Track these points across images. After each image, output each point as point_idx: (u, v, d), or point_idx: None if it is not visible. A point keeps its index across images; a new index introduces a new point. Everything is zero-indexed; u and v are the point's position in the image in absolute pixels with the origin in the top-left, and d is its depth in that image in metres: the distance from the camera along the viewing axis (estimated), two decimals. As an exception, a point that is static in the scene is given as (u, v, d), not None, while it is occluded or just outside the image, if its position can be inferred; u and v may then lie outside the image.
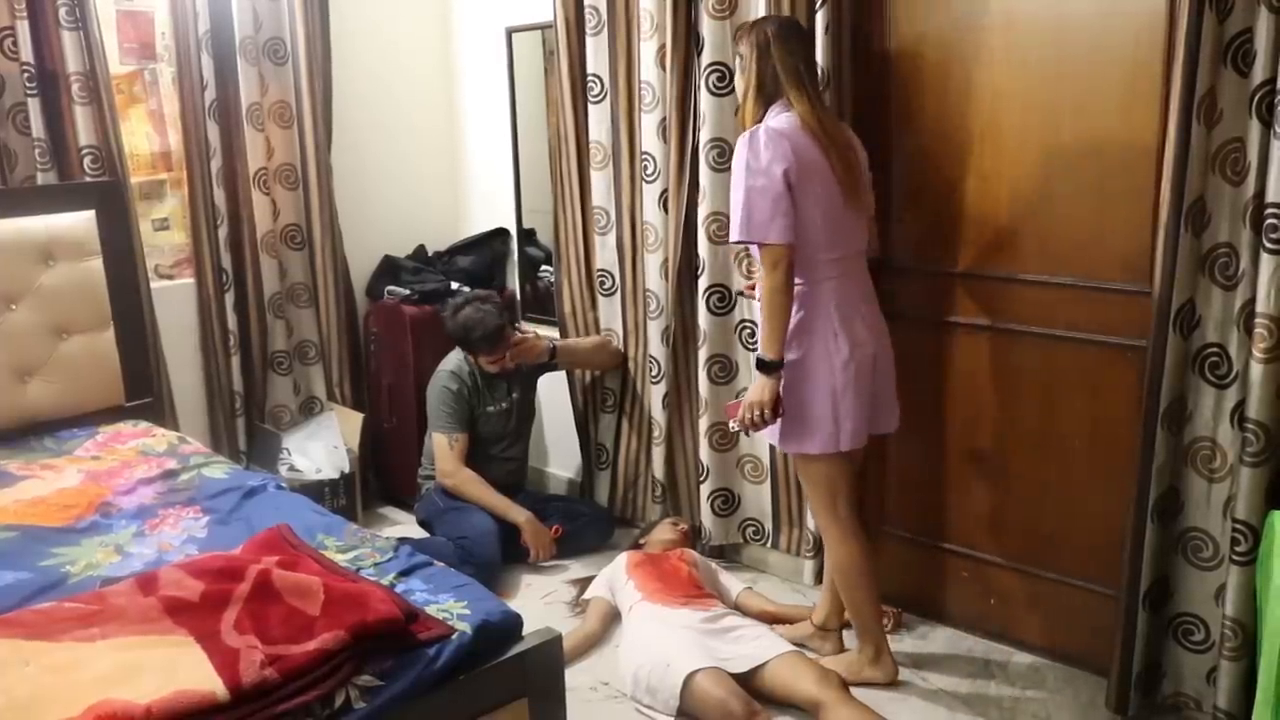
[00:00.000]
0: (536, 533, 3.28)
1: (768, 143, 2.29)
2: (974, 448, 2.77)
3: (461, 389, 3.34)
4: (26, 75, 2.97)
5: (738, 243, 2.35)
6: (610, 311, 3.46)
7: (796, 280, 2.33)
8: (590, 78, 3.26)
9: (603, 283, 3.44)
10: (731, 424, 2.45)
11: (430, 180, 4.06)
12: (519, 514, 3.28)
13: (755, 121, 2.37)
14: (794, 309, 2.34)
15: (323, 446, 3.59)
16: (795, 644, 2.64)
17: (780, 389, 2.35)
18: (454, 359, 3.40)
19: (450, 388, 3.33)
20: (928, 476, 2.86)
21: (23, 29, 2.95)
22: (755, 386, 2.36)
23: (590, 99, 3.29)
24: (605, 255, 3.41)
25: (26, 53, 2.96)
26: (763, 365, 2.34)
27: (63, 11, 2.99)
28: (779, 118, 2.35)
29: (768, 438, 2.52)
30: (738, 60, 2.48)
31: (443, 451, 3.34)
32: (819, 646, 2.71)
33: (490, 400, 3.40)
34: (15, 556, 2.12)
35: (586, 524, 3.44)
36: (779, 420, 2.39)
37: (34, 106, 2.99)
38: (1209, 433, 2.24)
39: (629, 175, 3.28)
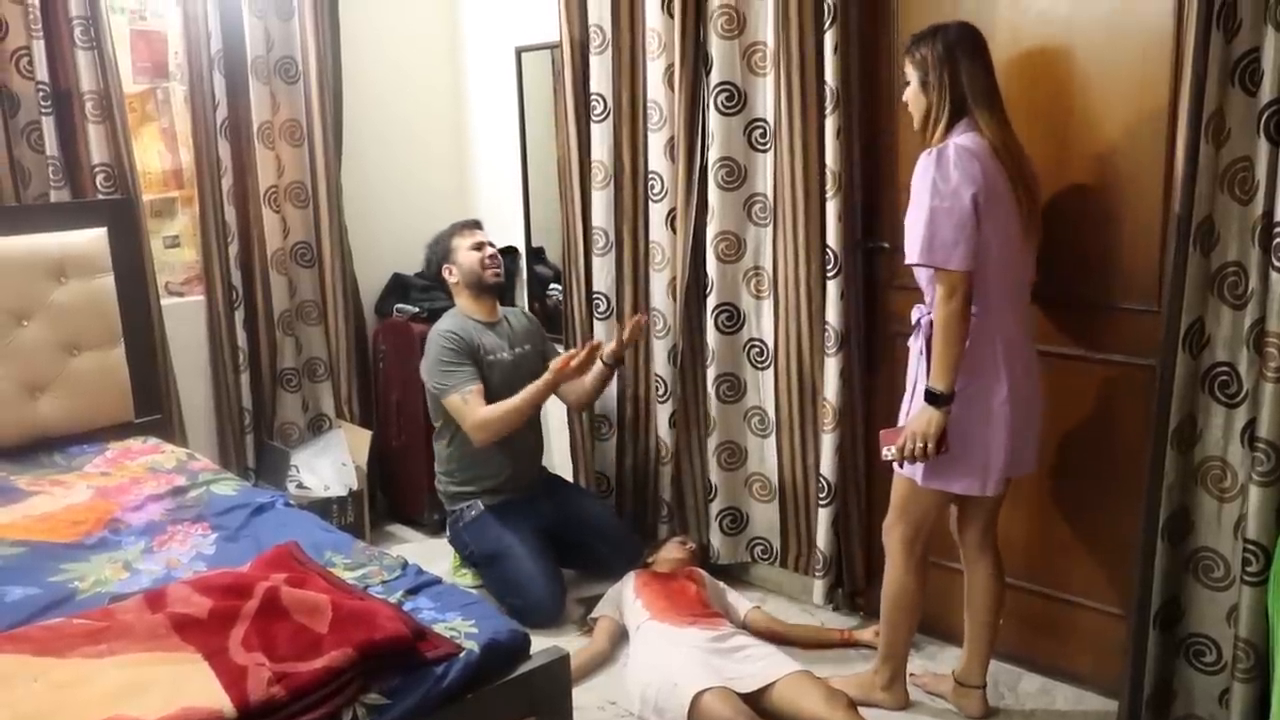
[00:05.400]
0: (562, 372, 3.05)
1: (958, 163, 2.14)
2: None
3: (459, 339, 3.11)
4: (41, 94, 3.00)
5: (916, 265, 2.22)
6: (607, 333, 3.38)
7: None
8: (594, 97, 3.27)
9: (597, 305, 3.42)
10: (887, 451, 2.30)
11: (439, 199, 4.07)
12: (547, 380, 3.06)
13: (941, 140, 2.22)
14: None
15: (331, 464, 3.59)
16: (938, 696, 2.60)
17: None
18: (446, 318, 3.23)
19: (449, 336, 3.11)
20: (936, 495, 2.84)
21: (38, 49, 2.97)
22: (921, 418, 2.24)
23: (593, 118, 3.30)
24: (602, 276, 3.39)
25: (42, 72, 2.99)
26: (932, 397, 2.22)
27: (78, 31, 3.02)
28: (965, 136, 2.20)
29: (907, 470, 2.39)
30: (912, 72, 2.30)
31: (459, 410, 3.07)
32: (962, 705, 2.57)
33: (491, 350, 3.19)
34: (24, 572, 2.12)
35: (610, 556, 3.25)
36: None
37: (48, 125, 3.02)
38: (1219, 452, 2.23)
39: (631, 195, 3.28)
